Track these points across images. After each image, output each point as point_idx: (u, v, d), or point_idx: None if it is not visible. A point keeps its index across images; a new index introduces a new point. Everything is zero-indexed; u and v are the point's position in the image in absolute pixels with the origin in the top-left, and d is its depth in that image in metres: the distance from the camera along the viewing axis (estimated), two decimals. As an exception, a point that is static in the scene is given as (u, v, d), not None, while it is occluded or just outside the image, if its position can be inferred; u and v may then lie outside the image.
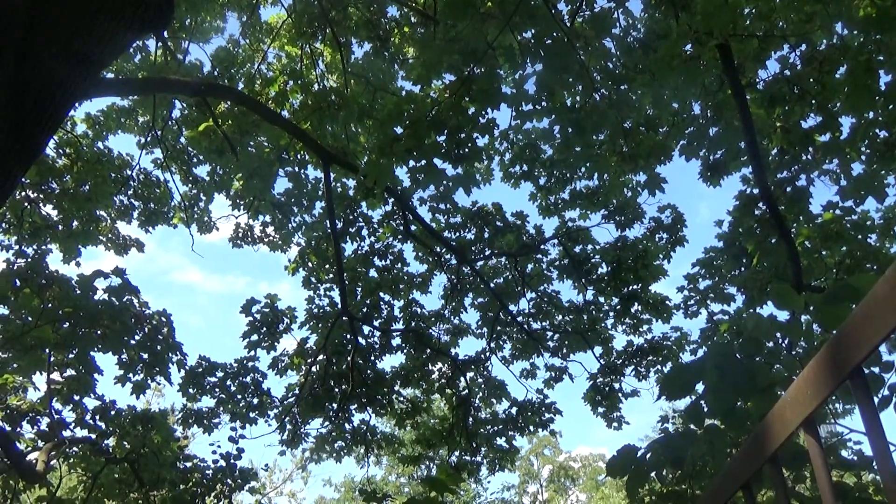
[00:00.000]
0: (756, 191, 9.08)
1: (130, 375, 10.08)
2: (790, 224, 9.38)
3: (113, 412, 10.22)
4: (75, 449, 10.45)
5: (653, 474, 3.68)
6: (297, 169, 11.46)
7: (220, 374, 11.67)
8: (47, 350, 8.09)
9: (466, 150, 7.08)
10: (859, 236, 10.37)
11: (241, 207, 12.38)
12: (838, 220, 9.33)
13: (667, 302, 13.06)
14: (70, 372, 9.56)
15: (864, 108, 6.13)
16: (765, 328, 3.39)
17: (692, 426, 3.63)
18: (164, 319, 9.82)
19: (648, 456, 3.74)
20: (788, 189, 8.91)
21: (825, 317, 3.24)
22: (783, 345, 3.42)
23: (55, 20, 3.52)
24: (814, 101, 7.71)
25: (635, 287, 12.87)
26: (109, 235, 13.51)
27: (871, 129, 6.71)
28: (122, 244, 13.71)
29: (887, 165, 7.36)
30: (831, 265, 10.52)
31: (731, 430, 3.58)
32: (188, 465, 10.86)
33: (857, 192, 7.83)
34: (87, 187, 11.95)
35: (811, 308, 3.37)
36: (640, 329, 13.44)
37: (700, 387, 3.43)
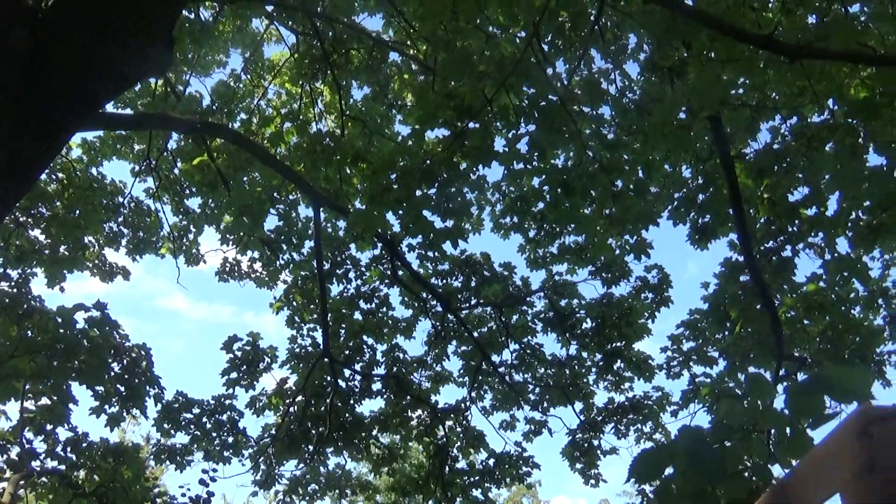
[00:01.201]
0: (742, 258, 9.15)
1: (106, 407, 9.98)
2: (774, 293, 9.43)
3: (85, 444, 10.09)
4: (44, 479, 10.27)
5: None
6: (287, 209, 11.49)
7: (196, 410, 11.55)
8: (22, 380, 8.00)
9: (456, 204, 7.12)
10: (843, 307, 10.44)
11: (230, 242, 12.37)
12: (822, 292, 9.40)
13: (650, 361, 13.04)
14: (44, 401, 9.45)
15: (849, 189, 6.22)
16: (737, 414, 3.39)
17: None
18: (143, 353, 9.76)
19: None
20: (774, 258, 8.98)
21: (798, 408, 3.25)
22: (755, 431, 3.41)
23: (60, 65, 3.57)
24: (801, 175, 7.81)
25: (619, 344, 12.86)
26: (96, 262, 13.48)
27: (855, 210, 6.81)
28: (109, 271, 13.68)
29: (869, 249, 7.44)
30: (814, 335, 10.56)
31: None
32: (158, 501, 10.70)
33: (839, 273, 7.90)
34: (77, 213, 11.95)
35: (785, 397, 3.38)
36: (622, 387, 13.39)
37: (670, 470, 3.41)
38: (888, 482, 0.77)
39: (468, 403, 13.61)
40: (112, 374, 9.41)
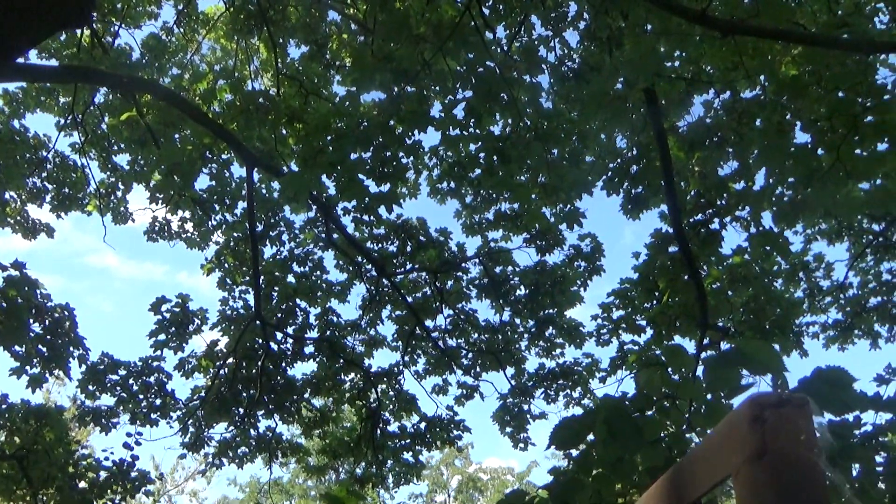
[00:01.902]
0: (671, 230, 9.32)
1: (27, 368, 9.69)
2: (701, 265, 9.65)
3: (4, 406, 9.80)
4: (-40, 442, 9.98)
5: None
6: (220, 168, 11.22)
7: (122, 372, 11.31)
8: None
9: (391, 169, 7.07)
10: (766, 280, 10.77)
11: (160, 201, 12.04)
12: (746, 265, 9.66)
13: (581, 328, 13.28)
14: (-40, 361, 9.13)
15: (775, 165, 6.38)
16: (655, 384, 3.47)
17: (581, 474, 3.69)
18: (66, 313, 9.47)
19: (536, 501, 3.78)
20: (702, 231, 9.18)
21: (713, 380, 3.34)
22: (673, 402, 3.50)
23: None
24: (731, 150, 7.97)
25: (551, 311, 13.06)
26: (18, 218, 12.98)
27: (780, 186, 6.99)
28: (31, 228, 13.19)
29: (791, 224, 7.67)
30: (737, 305, 10.86)
31: (619, 480, 3.65)
32: (83, 463, 10.48)
33: (763, 247, 8.13)
34: (-2, 167, 11.47)
35: (702, 369, 3.47)
36: (553, 353, 13.62)
37: (590, 437, 3.49)
38: (779, 467, 0.78)
39: (401, 368, 13.68)
40: (33, 334, 9.11)
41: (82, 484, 10.13)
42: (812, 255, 12.19)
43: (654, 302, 11.35)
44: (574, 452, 3.75)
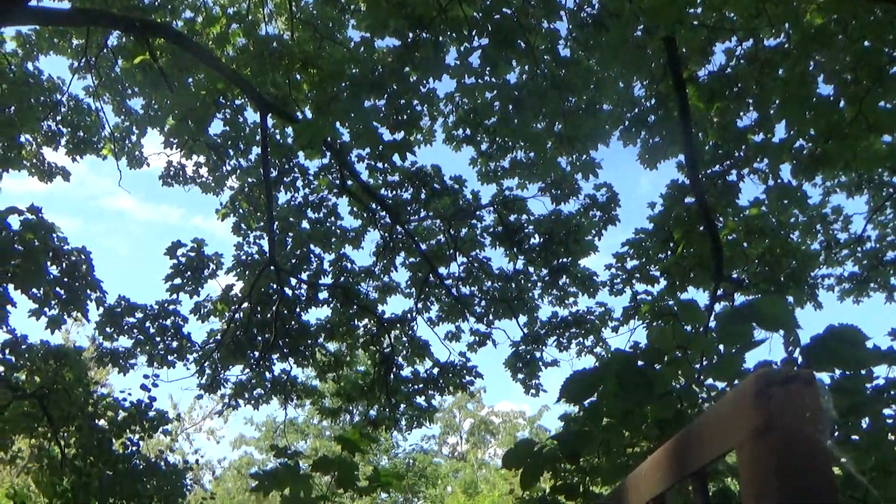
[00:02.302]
0: (688, 181, 9.24)
1: (45, 310, 9.82)
2: (717, 216, 9.59)
3: (24, 346, 9.97)
4: (-18, 380, 10.16)
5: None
6: (233, 114, 11.16)
7: (139, 315, 11.45)
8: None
9: (406, 116, 7.01)
10: (782, 232, 10.69)
11: (174, 146, 12.02)
12: (763, 217, 9.59)
13: (594, 278, 13.27)
14: (-20, 303, 9.24)
15: (796, 117, 6.27)
16: (667, 339, 3.48)
17: (591, 425, 3.72)
18: (82, 257, 9.54)
19: (546, 450, 3.83)
20: (719, 182, 9.10)
21: (726, 334, 3.34)
22: (685, 355, 3.51)
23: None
24: (751, 101, 7.83)
25: (565, 260, 13.04)
26: (34, 161, 13.02)
27: (799, 139, 6.88)
28: (48, 171, 13.24)
29: (810, 178, 7.56)
30: (752, 258, 10.81)
31: (628, 431, 3.69)
32: (102, 403, 10.69)
33: (780, 200, 8.05)
34: (13, 109, 11.45)
35: (714, 323, 3.47)
36: (566, 302, 13.65)
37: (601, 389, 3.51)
38: (783, 443, 0.78)
39: (414, 314, 13.76)
40: (50, 277, 9.21)
41: (102, 423, 10.35)
42: (830, 207, 12.07)
43: (669, 253, 11.31)
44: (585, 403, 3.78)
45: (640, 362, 3.47)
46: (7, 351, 9.50)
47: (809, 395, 0.79)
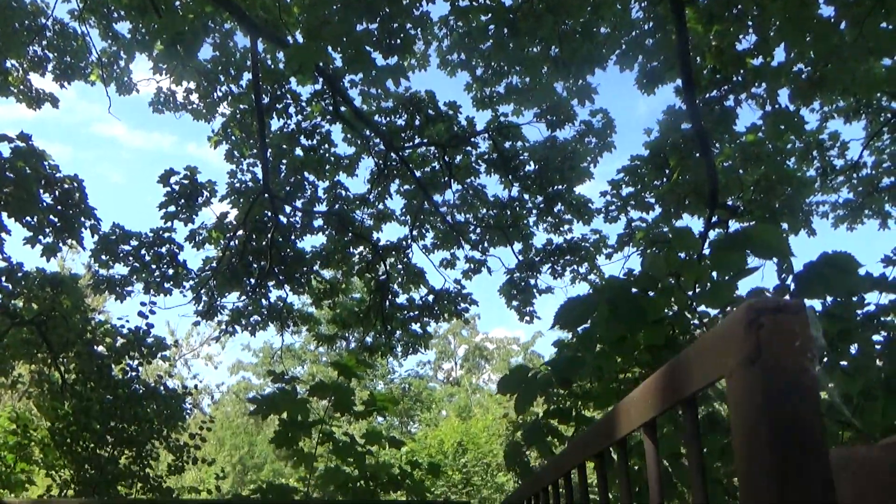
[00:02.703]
0: (685, 107, 9.14)
1: (40, 238, 9.82)
2: (713, 142, 9.52)
3: (20, 274, 9.99)
4: (-21, 308, 10.22)
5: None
6: (223, 38, 10.92)
7: (134, 242, 11.44)
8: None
9: (399, 40, 6.87)
10: (778, 158, 10.64)
11: (164, 72, 11.80)
12: (759, 143, 9.52)
13: (589, 205, 13.26)
14: (-26, 231, 9.22)
15: (795, 39, 6.16)
16: (661, 266, 3.49)
17: (583, 351, 3.77)
18: (75, 184, 9.49)
19: (539, 376, 3.90)
20: (716, 108, 9.00)
21: (720, 261, 3.36)
22: (678, 282, 3.53)
23: None
24: (750, 24, 7.68)
25: (560, 187, 13.02)
26: (21, 87, 12.79)
27: (798, 63, 6.77)
28: (35, 97, 13.02)
29: (808, 102, 7.48)
30: (748, 184, 10.79)
31: (620, 358, 3.74)
32: (100, 330, 10.78)
33: (777, 127, 7.97)
34: (-4, 34, 11.19)
35: (708, 250, 3.49)
36: (561, 229, 13.67)
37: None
38: (772, 371, 0.79)
39: (409, 242, 13.79)
40: (43, 205, 9.18)
41: (100, 349, 10.46)
42: (827, 133, 11.97)
43: (664, 179, 11.29)
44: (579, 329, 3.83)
45: (633, 289, 3.50)
46: (4, 278, 9.53)
47: (799, 324, 0.80)
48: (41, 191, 9.13)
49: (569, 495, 1.97)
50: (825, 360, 2.87)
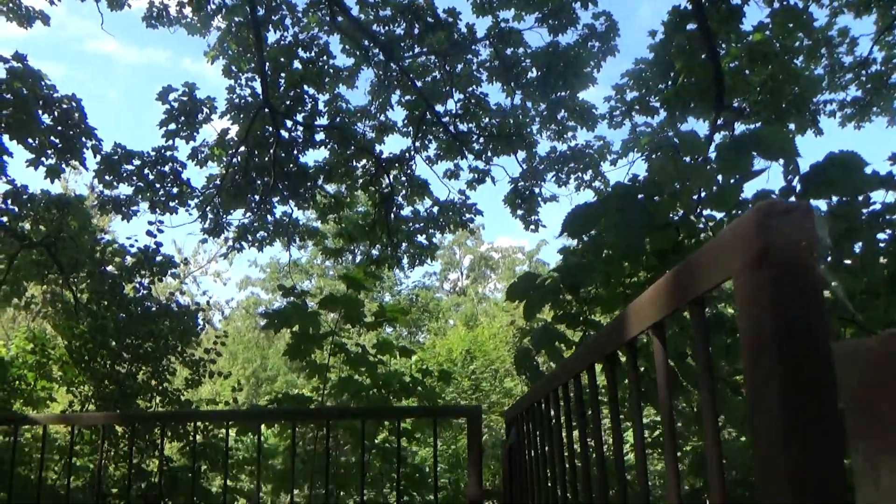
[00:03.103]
0: (689, 6, 8.91)
1: (43, 160, 9.80)
2: (720, 43, 9.33)
3: (26, 196, 10.01)
4: (-13, 231, 10.29)
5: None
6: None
7: (137, 162, 11.41)
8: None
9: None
10: (786, 56, 10.43)
11: (155, -17, 11.51)
12: (767, 42, 9.33)
13: (593, 111, 13.12)
14: (-24, 154, 9.19)
15: (805, -67, 5.96)
16: (667, 171, 3.49)
17: (591, 257, 3.81)
18: (73, 104, 9.40)
19: (547, 282, 3.95)
20: (723, 7, 8.78)
21: (726, 164, 3.35)
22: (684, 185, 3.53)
23: None
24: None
25: (563, 94, 12.84)
26: (10, 5, 12.51)
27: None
28: (26, 14, 12.75)
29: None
30: (755, 85, 10.63)
31: (628, 263, 3.79)
32: (109, 249, 10.86)
33: (785, 24, 7.78)
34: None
35: (714, 154, 3.47)
36: (565, 136, 13.57)
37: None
38: (778, 271, 0.82)
39: (412, 153, 13.71)
40: (43, 126, 9.12)
41: (110, 269, 10.58)
42: (836, 29, 11.69)
43: (669, 83, 11.11)
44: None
45: (639, 195, 3.51)
46: (9, 201, 9.55)
47: (807, 225, 0.82)
48: (40, 111, 9.05)
49: (578, 396, 2.04)
50: (828, 258, 2.90)
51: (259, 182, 12.74)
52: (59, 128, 9.53)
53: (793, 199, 2.98)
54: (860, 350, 0.63)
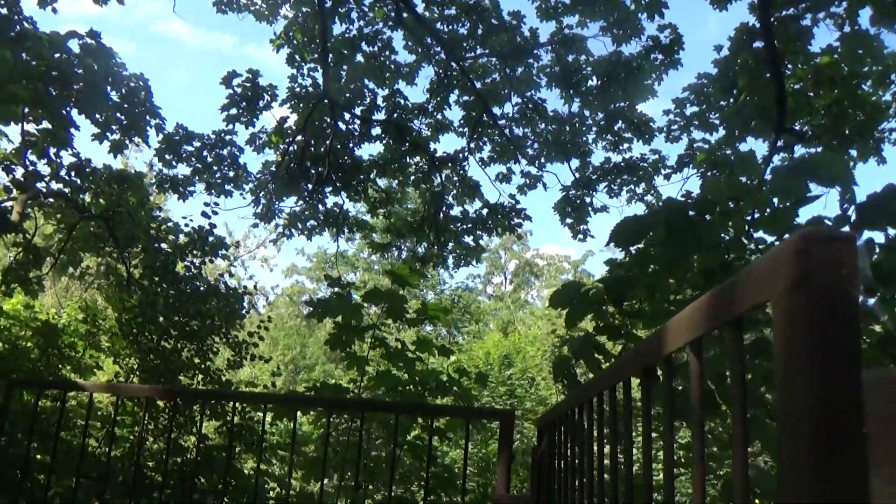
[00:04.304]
0: (758, 24, 8.78)
1: (107, 135, 10.08)
2: (786, 63, 9.17)
3: (88, 169, 10.28)
4: (51, 200, 10.59)
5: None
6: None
7: (196, 143, 11.66)
8: (21, 105, 7.96)
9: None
10: (853, 82, 10.20)
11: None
12: (834, 66, 9.13)
13: (651, 123, 13.00)
14: (46, 125, 9.47)
15: (883, -43, 5.82)
16: (720, 189, 3.46)
17: (637, 270, 3.80)
18: (140, 83, 9.65)
19: (592, 292, 3.94)
20: (792, 27, 8.63)
21: (781, 187, 3.31)
22: (735, 207, 3.50)
23: None
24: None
25: (622, 104, 12.76)
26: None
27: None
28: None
29: (889, 26, 7.11)
30: (818, 109, 10.42)
31: (674, 279, 3.76)
32: (164, 227, 11.10)
33: (854, 49, 7.61)
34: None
35: (769, 176, 3.43)
36: (620, 147, 13.46)
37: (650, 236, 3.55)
38: (817, 297, 0.83)
39: (466, 153, 13.75)
40: (110, 102, 9.37)
41: (164, 246, 10.81)
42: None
43: (731, 100, 10.96)
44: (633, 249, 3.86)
45: (690, 212, 3.49)
46: (73, 173, 9.82)
47: (848, 253, 0.83)
48: (109, 88, 9.30)
49: (612, 407, 2.05)
50: (879, 293, 2.85)
51: (313, 172, 12.91)
52: (126, 105, 9.79)
53: (846, 228, 2.93)
54: (884, 380, 0.64)
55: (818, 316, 0.81)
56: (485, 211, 13.93)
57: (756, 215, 3.47)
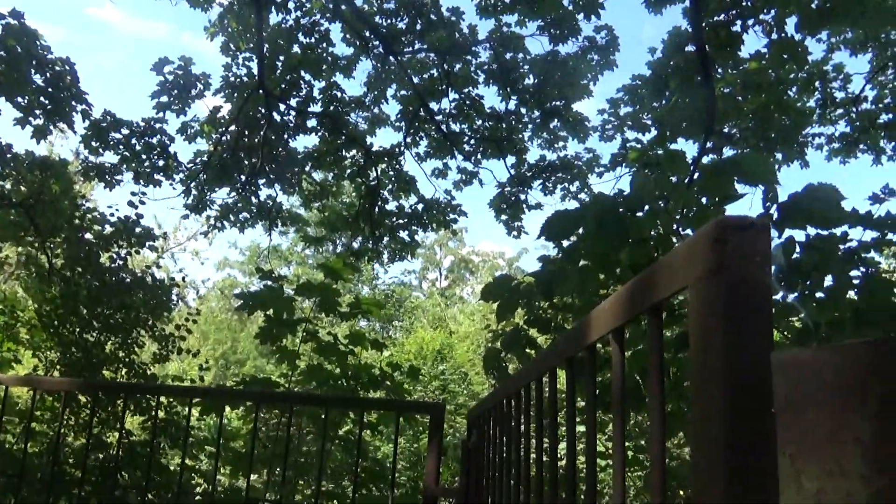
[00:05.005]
0: (691, 28, 8.98)
1: (30, 119, 9.71)
2: (716, 67, 9.41)
3: (9, 155, 9.90)
4: (-33, 187, 10.16)
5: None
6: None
7: (125, 131, 11.32)
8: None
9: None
10: (780, 87, 10.54)
11: (160, -45, 11.41)
12: (762, 71, 9.42)
13: (586, 122, 13.16)
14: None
15: (809, -34, 6.02)
16: (649, 187, 3.53)
17: (567, 265, 3.84)
18: (66, 67, 9.32)
19: (522, 286, 3.98)
20: (722, 33, 8.85)
21: (708, 186, 3.39)
22: (664, 205, 3.57)
23: None
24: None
25: (558, 103, 12.89)
26: (12, -39, 12.40)
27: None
28: (27, -27, 12.65)
29: (815, 32, 7.36)
30: (746, 112, 10.73)
31: (602, 273, 3.82)
32: (88, 216, 10.75)
33: (781, 55, 7.86)
34: None
35: (697, 175, 3.52)
36: (556, 145, 13.60)
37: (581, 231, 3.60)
38: (732, 283, 0.84)
39: (402, 148, 13.70)
40: (34, 86, 9.03)
41: (88, 236, 10.47)
42: (832, 64, 11.81)
43: (663, 101, 11.19)
44: (564, 244, 3.90)
45: (620, 208, 3.54)
46: (-8, 159, 9.45)
47: (762, 242, 0.84)
48: (32, 71, 8.97)
49: (539, 399, 2.06)
50: (807, 284, 2.94)
51: (246, 162, 12.69)
52: (50, 89, 9.45)
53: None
54: (794, 361, 0.65)
55: (731, 302, 0.83)
56: (420, 206, 13.92)
57: (684, 212, 3.55)
